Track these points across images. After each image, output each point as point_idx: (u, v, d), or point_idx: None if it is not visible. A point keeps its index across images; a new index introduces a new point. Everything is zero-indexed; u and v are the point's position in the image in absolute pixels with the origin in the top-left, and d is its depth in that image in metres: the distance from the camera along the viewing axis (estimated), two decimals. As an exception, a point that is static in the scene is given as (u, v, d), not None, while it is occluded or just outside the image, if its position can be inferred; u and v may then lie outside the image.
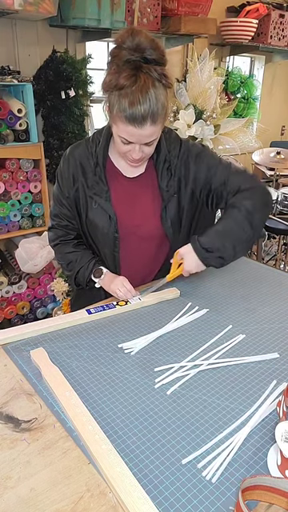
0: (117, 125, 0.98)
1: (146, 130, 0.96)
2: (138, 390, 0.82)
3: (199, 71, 2.49)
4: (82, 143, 1.16)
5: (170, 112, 2.60)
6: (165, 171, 1.14)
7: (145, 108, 0.92)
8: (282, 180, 3.52)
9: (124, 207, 1.15)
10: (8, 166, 2.17)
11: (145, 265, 1.25)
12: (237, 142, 2.43)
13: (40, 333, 0.99)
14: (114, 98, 0.95)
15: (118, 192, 1.15)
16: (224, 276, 1.29)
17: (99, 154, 1.11)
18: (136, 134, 0.97)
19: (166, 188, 1.15)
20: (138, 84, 0.91)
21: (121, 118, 0.95)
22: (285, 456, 0.62)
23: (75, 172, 1.13)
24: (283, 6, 3.57)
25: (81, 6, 2.21)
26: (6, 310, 2.40)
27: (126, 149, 1.02)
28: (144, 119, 0.94)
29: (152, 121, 0.95)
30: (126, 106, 0.92)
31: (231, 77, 3.64)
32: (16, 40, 2.31)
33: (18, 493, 0.61)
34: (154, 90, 0.93)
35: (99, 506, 0.60)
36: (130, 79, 0.91)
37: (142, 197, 1.17)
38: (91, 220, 1.15)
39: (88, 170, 1.12)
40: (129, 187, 1.16)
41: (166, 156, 1.14)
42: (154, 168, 1.16)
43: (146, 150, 1.03)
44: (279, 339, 0.98)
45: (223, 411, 0.77)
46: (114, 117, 0.97)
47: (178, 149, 1.15)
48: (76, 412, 0.73)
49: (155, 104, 0.93)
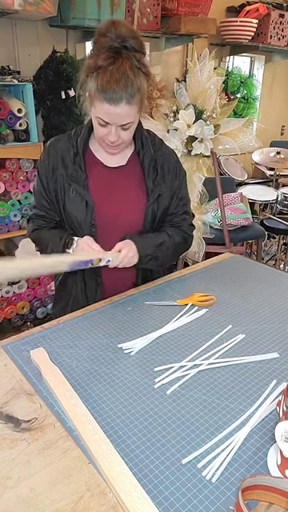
0: (95, 106, 1.00)
1: (122, 108, 0.98)
2: (138, 389, 0.82)
3: (199, 71, 2.49)
4: (63, 136, 1.18)
5: (170, 112, 2.60)
6: (151, 169, 1.17)
7: (120, 86, 0.95)
8: (282, 180, 3.52)
9: (103, 195, 1.15)
10: (8, 165, 2.17)
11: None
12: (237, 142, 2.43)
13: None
14: (93, 79, 0.97)
15: (97, 180, 1.15)
16: (224, 276, 1.29)
17: (80, 143, 1.13)
18: (112, 113, 0.99)
19: (152, 186, 1.17)
20: (116, 64, 0.95)
21: (98, 97, 0.97)
22: (285, 456, 0.62)
23: (55, 163, 1.14)
24: (283, 5, 3.57)
25: (81, 6, 2.21)
26: (6, 309, 2.40)
27: (104, 132, 1.04)
28: (120, 97, 0.96)
29: (127, 100, 0.97)
30: (103, 83, 0.95)
31: (231, 77, 3.64)
32: (16, 40, 2.31)
33: (18, 493, 0.61)
34: (131, 72, 0.96)
35: (99, 505, 0.60)
36: (108, 60, 0.95)
37: (123, 187, 1.17)
38: (68, 208, 1.15)
39: (68, 161, 1.14)
40: (109, 176, 1.17)
41: (152, 155, 1.17)
42: (140, 165, 1.18)
43: (122, 134, 1.05)
44: (279, 339, 0.98)
45: (223, 411, 0.77)
46: (92, 98, 0.99)
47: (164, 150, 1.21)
48: (76, 412, 0.73)
49: (131, 84, 0.96)
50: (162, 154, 1.20)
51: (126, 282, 1.24)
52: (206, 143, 2.34)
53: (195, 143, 2.34)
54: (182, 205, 1.25)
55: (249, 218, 2.79)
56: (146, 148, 1.17)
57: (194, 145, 2.34)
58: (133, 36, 0.96)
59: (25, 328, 2.49)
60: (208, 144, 2.35)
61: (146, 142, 1.17)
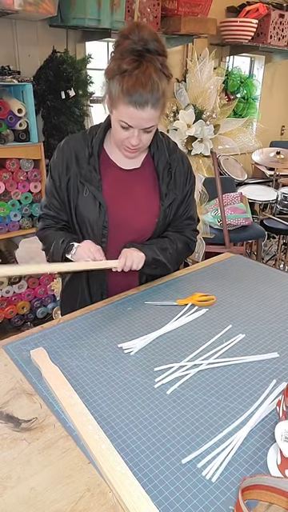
0: (117, 109, 0.99)
1: (147, 112, 0.97)
2: (138, 389, 0.82)
3: (199, 71, 2.49)
4: (78, 135, 1.18)
5: (170, 112, 2.60)
6: (166, 173, 1.17)
7: (147, 90, 0.94)
8: (282, 180, 3.52)
9: (116, 197, 1.15)
10: (8, 165, 2.17)
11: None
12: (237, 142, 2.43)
13: None
14: (117, 82, 0.96)
15: (111, 182, 1.15)
16: (224, 276, 1.29)
17: (95, 144, 1.13)
18: (136, 117, 0.98)
19: (166, 190, 1.17)
20: (141, 68, 0.94)
21: (123, 99, 0.96)
22: (284, 455, 0.62)
23: (69, 161, 1.14)
24: (283, 5, 3.57)
25: (81, 6, 2.21)
26: (6, 309, 2.40)
27: (125, 135, 1.03)
28: (145, 101, 0.95)
29: (153, 104, 0.97)
30: (128, 86, 0.94)
31: (231, 77, 3.64)
32: (16, 40, 2.31)
33: (18, 493, 0.61)
34: (156, 76, 0.95)
35: (99, 505, 0.60)
36: (134, 64, 0.94)
37: (136, 190, 1.17)
38: (81, 208, 1.14)
39: (82, 160, 1.13)
40: (123, 178, 1.16)
41: (168, 159, 1.17)
42: (154, 169, 1.17)
43: (143, 137, 1.04)
44: (279, 339, 0.98)
45: (223, 411, 0.77)
46: (115, 100, 0.98)
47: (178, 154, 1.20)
48: (76, 412, 0.73)
49: (157, 88, 0.95)
50: (176, 158, 1.19)
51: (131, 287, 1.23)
52: (205, 143, 2.34)
53: (195, 143, 2.34)
54: (188, 210, 1.25)
55: (249, 218, 2.79)
56: (161, 152, 1.17)
57: (193, 145, 2.34)
58: (155, 39, 0.96)
59: (25, 328, 2.49)
60: (208, 144, 2.35)
61: (161, 145, 1.17)
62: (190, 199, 1.25)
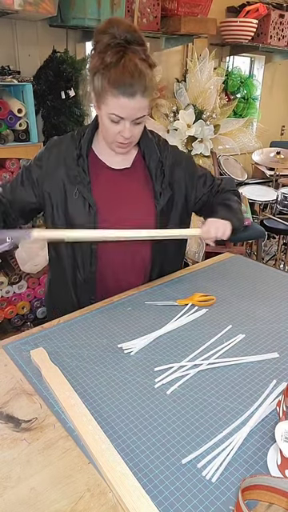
0: (106, 102, 0.99)
1: (137, 101, 0.97)
2: (138, 389, 0.82)
3: (199, 71, 2.50)
4: (66, 136, 1.17)
5: (170, 112, 2.60)
6: (158, 172, 1.16)
7: (135, 79, 0.95)
8: (282, 180, 3.52)
9: (106, 198, 1.14)
10: (8, 165, 2.17)
11: (124, 261, 1.19)
12: (237, 142, 2.43)
13: None
14: (102, 76, 0.96)
15: (101, 183, 1.14)
16: (224, 276, 1.29)
17: (83, 145, 1.12)
18: (127, 107, 0.98)
19: (160, 189, 1.15)
20: (126, 59, 0.95)
21: (111, 91, 0.96)
22: (285, 455, 0.62)
23: (56, 164, 1.13)
24: (283, 6, 3.57)
25: (81, 5, 2.21)
26: (6, 309, 2.40)
27: (116, 129, 1.03)
28: (135, 90, 0.96)
29: (142, 92, 0.97)
30: (116, 77, 0.94)
31: (231, 77, 3.64)
32: (16, 40, 2.31)
33: (18, 493, 0.61)
34: (141, 65, 0.96)
35: (99, 505, 0.60)
36: (117, 55, 0.95)
37: (128, 190, 1.16)
38: (70, 211, 1.13)
39: (70, 162, 1.12)
40: (113, 178, 1.15)
41: (159, 157, 1.16)
42: (146, 167, 1.16)
43: (134, 130, 1.04)
44: (279, 339, 0.98)
45: (223, 411, 0.77)
46: (103, 95, 0.98)
47: (169, 151, 1.19)
48: (76, 412, 0.73)
49: (144, 77, 0.96)
50: (167, 155, 1.18)
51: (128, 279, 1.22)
52: (206, 143, 2.34)
53: (195, 143, 2.35)
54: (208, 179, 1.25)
55: (249, 218, 2.79)
56: (151, 150, 1.16)
57: (193, 145, 2.34)
58: (133, 30, 0.97)
59: (25, 328, 2.49)
60: (208, 144, 2.35)
61: (151, 144, 1.16)
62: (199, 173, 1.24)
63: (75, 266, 1.18)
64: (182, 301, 1.12)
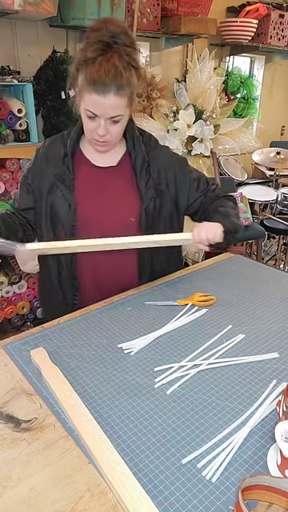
0: (83, 98, 0.99)
1: (110, 100, 0.97)
2: (138, 389, 0.82)
3: (199, 71, 2.50)
4: (57, 136, 1.19)
5: (170, 112, 2.60)
6: (143, 171, 1.15)
7: (109, 77, 0.94)
8: (282, 180, 3.52)
9: (87, 195, 1.14)
10: (8, 165, 2.17)
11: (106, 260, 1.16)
12: (237, 142, 2.43)
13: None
14: (82, 72, 0.97)
15: (83, 180, 1.15)
16: (224, 276, 1.29)
17: (69, 144, 1.13)
18: (100, 105, 0.98)
19: (144, 188, 1.15)
20: (105, 56, 0.95)
21: (87, 88, 0.96)
22: (284, 455, 0.62)
23: (45, 164, 1.14)
24: (283, 6, 3.57)
25: (81, 6, 2.21)
26: (6, 309, 2.40)
27: (92, 126, 1.03)
28: (108, 88, 0.95)
29: (115, 92, 0.96)
30: (91, 73, 0.94)
31: (231, 77, 3.64)
32: (16, 40, 2.31)
33: (18, 493, 0.61)
34: (120, 64, 0.96)
35: (99, 505, 0.60)
36: (98, 51, 0.95)
37: (111, 188, 1.15)
38: (56, 208, 1.14)
39: (58, 161, 1.14)
40: (96, 176, 1.15)
41: (145, 157, 1.15)
42: (132, 167, 1.16)
43: (111, 128, 1.03)
44: (279, 339, 0.98)
45: (223, 411, 0.77)
46: (81, 91, 0.99)
47: (158, 151, 1.19)
48: (76, 412, 0.73)
49: (120, 76, 0.95)
50: (155, 155, 1.17)
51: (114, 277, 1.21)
52: (206, 143, 2.34)
53: (195, 143, 2.35)
54: (202, 183, 1.23)
55: (249, 218, 2.79)
56: (137, 149, 1.15)
57: (193, 145, 2.34)
58: (124, 32, 0.98)
59: (25, 328, 2.49)
60: (208, 144, 2.35)
61: (138, 142, 1.15)
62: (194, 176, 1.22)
63: (59, 263, 1.19)
64: (182, 301, 1.12)
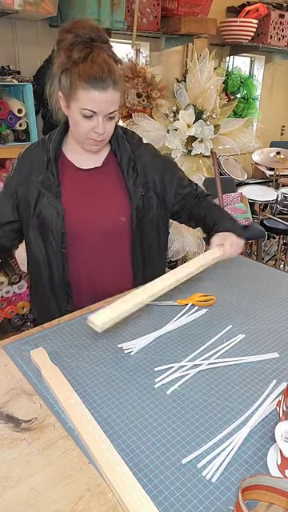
0: (77, 98, 0.98)
1: (109, 94, 0.98)
2: (138, 389, 0.82)
3: (199, 71, 2.49)
4: (36, 143, 1.17)
5: (170, 112, 2.60)
6: (130, 170, 1.14)
7: (106, 72, 0.95)
8: (282, 180, 3.52)
9: (75, 200, 1.12)
10: (8, 165, 2.17)
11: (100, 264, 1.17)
12: (237, 142, 2.43)
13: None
14: (71, 72, 0.97)
15: (69, 185, 1.13)
16: (224, 276, 1.29)
17: (51, 149, 1.12)
18: (100, 101, 0.98)
19: (133, 187, 1.14)
20: (94, 54, 0.96)
21: (82, 86, 0.96)
22: (285, 455, 0.62)
23: (28, 172, 1.12)
24: (283, 5, 3.57)
25: (81, 6, 2.21)
26: (6, 309, 2.40)
27: (90, 126, 1.02)
28: (106, 83, 0.96)
29: (113, 85, 0.97)
30: (86, 71, 0.95)
31: (231, 77, 3.64)
32: (16, 40, 2.31)
33: (18, 493, 0.61)
34: (108, 59, 0.98)
35: (99, 505, 0.60)
36: (85, 50, 0.96)
37: (98, 190, 1.14)
38: (44, 216, 1.11)
39: (41, 168, 1.11)
40: (82, 179, 1.14)
41: (131, 155, 1.15)
42: (118, 165, 1.15)
43: (107, 125, 1.04)
44: (279, 339, 0.98)
45: (223, 411, 0.77)
46: (73, 91, 0.98)
47: (142, 149, 1.19)
48: (76, 412, 0.73)
49: (113, 70, 0.97)
50: (140, 153, 1.17)
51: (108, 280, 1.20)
52: (206, 143, 2.34)
53: (195, 143, 2.34)
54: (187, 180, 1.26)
55: (249, 218, 2.79)
56: (122, 148, 1.14)
57: (193, 145, 2.34)
58: (96, 29, 0.99)
59: (25, 328, 2.49)
60: (208, 144, 2.35)
61: (122, 141, 1.15)
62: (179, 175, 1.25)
63: (51, 269, 1.16)
64: (182, 301, 1.12)
